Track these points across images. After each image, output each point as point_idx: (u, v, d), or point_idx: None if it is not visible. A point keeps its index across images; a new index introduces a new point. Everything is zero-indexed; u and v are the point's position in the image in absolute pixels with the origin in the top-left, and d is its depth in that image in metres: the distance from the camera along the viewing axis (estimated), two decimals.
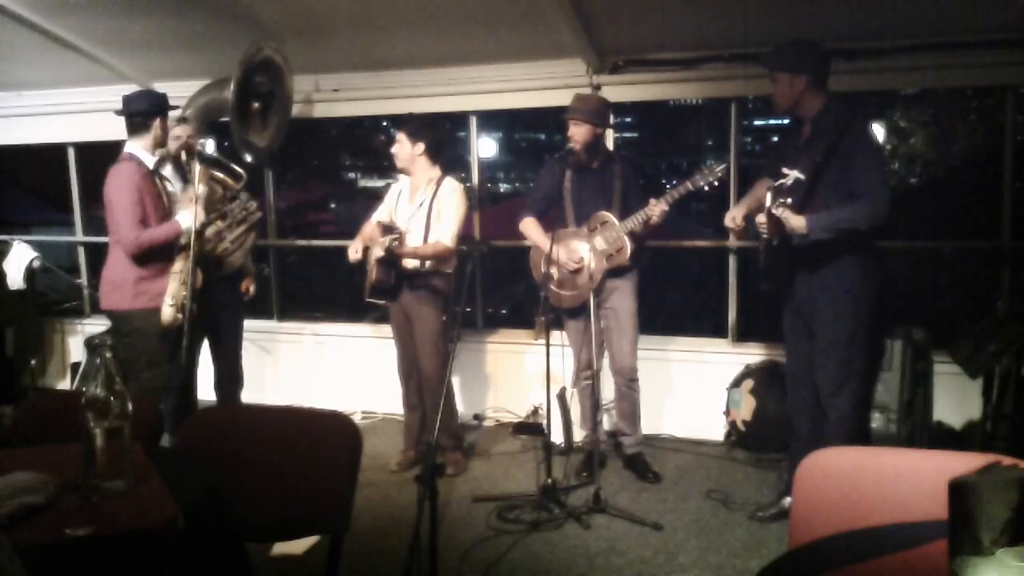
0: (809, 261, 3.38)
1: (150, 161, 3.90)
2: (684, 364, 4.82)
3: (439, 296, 4.14)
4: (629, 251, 4.00)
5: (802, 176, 3.17)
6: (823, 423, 3.47)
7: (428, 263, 4.10)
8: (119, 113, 3.94)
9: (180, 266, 3.83)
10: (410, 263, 4.10)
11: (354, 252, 4.16)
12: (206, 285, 3.91)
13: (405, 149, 4.13)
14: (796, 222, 3.15)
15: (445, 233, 4.05)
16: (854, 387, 3.43)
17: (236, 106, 4.53)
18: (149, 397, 2.73)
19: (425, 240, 4.09)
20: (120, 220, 3.77)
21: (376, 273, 4.09)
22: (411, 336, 4.23)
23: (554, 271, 4.08)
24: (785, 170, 3.20)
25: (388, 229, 4.12)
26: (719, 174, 3.78)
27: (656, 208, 3.85)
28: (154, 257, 3.84)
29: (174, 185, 4.19)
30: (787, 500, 3.57)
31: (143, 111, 3.88)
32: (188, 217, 3.79)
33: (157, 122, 3.88)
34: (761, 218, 3.24)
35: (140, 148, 3.89)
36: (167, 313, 3.84)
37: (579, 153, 4.00)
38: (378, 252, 4.02)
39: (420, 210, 4.14)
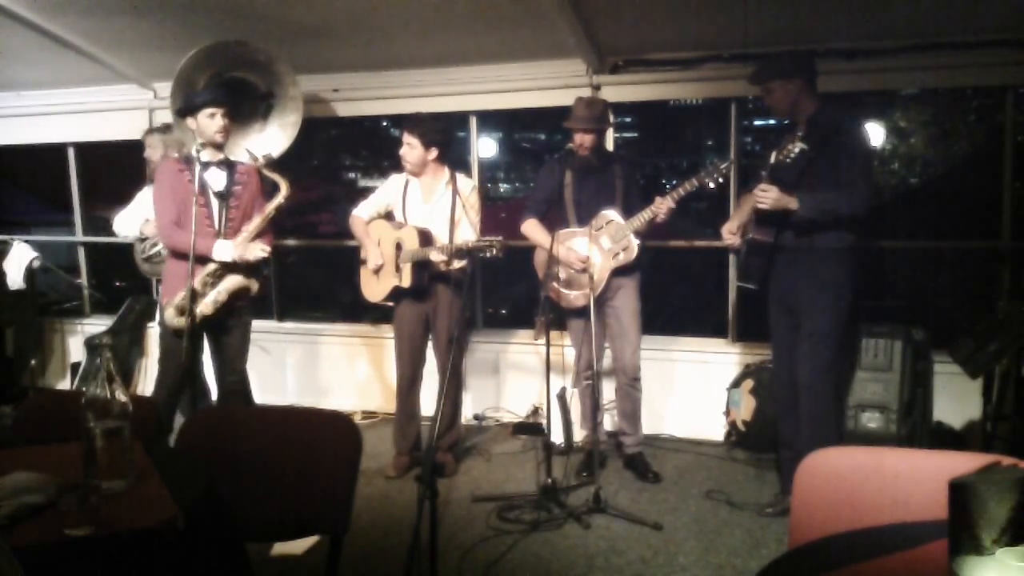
0: (794, 255, 3.51)
1: (203, 158, 3.76)
2: (684, 364, 4.83)
3: (461, 291, 4.12)
4: (635, 250, 4.00)
5: (806, 147, 3.34)
6: (801, 423, 3.55)
7: (456, 261, 4.08)
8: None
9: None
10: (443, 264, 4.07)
11: (379, 258, 4.15)
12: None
13: (417, 153, 4.07)
14: (789, 200, 3.37)
15: (475, 231, 4.08)
16: (828, 393, 3.53)
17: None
18: (148, 398, 2.73)
19: (451, 238, 4.04)
20: (155, 214, 3.90)
21: (411, 278, 4.05)
22: (424, 339, 4.23)
23: (560, 271, 4.08)
24: (798, 139, 3.36)
25: (424, 234, 4.05)
26: (724, 171, 3.77)
27: (662, 206, 3.85)
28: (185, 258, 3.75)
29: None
30: (791, 497, 3.60)
31: (176, 111, 3.90)
32: (227, 251, 3.74)
33: (192, 120, 3.78)
34: (764, 186, 3.39)
35: (200, 146, 3.80)
36: (169, 315, 3.83)
37: (588, 157, 4.02)
38: (439, 257, 3.95)
39: (440, 209, 4.12)
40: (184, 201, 3.73)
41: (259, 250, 3.79)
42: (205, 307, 3.78)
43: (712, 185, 3.78)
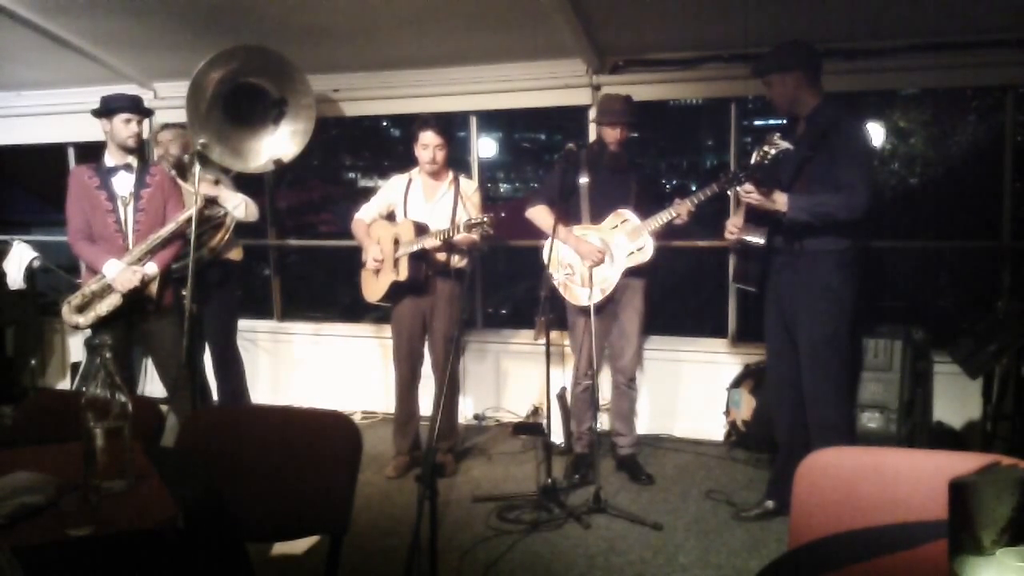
0: (787, 258, 3.39)
1: (109, 163, 3.89)
2: (684, 364, 4.82)
3: (462, 285, 4.12)
4: (651, 251, 3.99)
5: (791, 147, 3.23)
6: (806, 432, 3.43)
7: (456, 257, 4.08)
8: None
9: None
10: (442, 256, 4.07)
11: (378, 254, 4.15)
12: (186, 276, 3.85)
13: (446, 152, 4.13)
14: (778, 197, 3.25)
15: None
16: (838, 398, 3.41)
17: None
18: (148, 398, 2.74)
19: (451, 232, 4.01)
20: (67, 222, 3.91)
21: (408, 270, 4.05)
22: (423, 338, 4.23)
23: (572, 267, 4.06)
24: (777, 138, 3.24)
25: (421, 228, 4.06)
26: (743, 180, 3.69)
27: (683, 207, 3.80)
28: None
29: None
30: (769, 503, 3.58)
31: (93, 111, 3.90)
32: (113, 270, 3.80)
33: (106, 122, 3.86)
34: (749, 187, 3.28)
35: (110, 150, 3.91)
36: (64, 311, 3.95)
37: (617, 154, 4.02)
38: (434, 243, 3.97)
39: (441, 208, 4.14)
40: (92, 208, 3.84)
41: (129, 275, 3.79)
42: (101, 308, 3.89)
43: (733, 192, 3.73)
